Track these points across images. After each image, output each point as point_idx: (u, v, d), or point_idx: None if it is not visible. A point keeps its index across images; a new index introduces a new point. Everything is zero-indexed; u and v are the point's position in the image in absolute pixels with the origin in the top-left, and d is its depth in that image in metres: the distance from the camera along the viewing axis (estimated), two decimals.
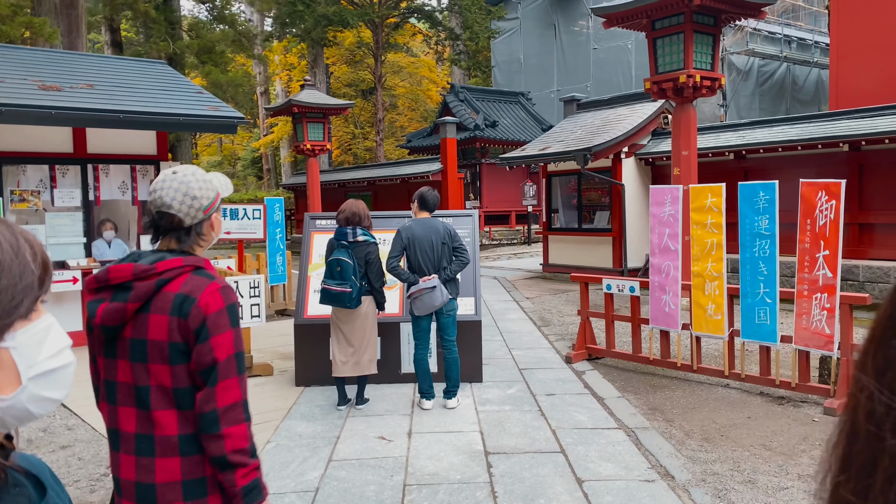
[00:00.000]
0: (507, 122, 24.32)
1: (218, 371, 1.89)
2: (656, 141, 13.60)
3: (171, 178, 2.01)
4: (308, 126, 19.07)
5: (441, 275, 5.74)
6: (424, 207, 5.92)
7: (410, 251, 5.76)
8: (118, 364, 1.95)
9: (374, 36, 26.63)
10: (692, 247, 6.42)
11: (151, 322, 1.90)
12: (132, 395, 1.93)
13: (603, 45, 27.50)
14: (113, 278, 1.92)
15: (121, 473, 1.94)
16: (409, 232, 5.77)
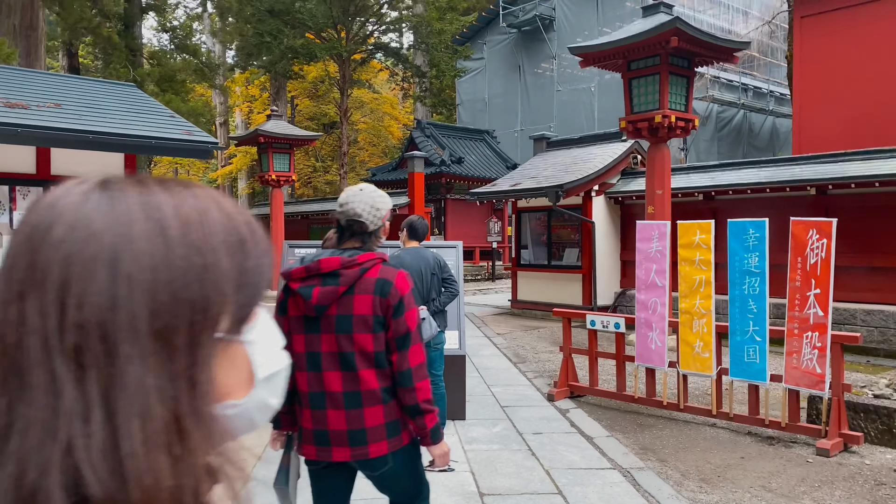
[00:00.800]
0: (472, 159, 24.45)
1: (410, 338, 2.49)
2: (626, 180, 13.75)
3: (359, 193, 2.59)
4: (274, 156, 18.82)
5: (430, 306, 5.55)
6: (413, 237, 5.75)
7: None
8: (322, 337, 2.47)
9: (341, 70, 26.62)
10: (680, 284, 6.38)
11: (357, 300, 2.44)
12: (337, 360, 2.45)
13: (566, 87, 28.02)
14: (324, 268, 2.44)
15: (329, 426, 2.46)
16: (397, 262, 5.58)
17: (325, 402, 2.46)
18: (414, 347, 2.48)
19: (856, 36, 12.78)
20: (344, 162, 27.32)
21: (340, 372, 2.45)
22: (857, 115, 12.93)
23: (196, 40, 35.10)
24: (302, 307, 2.47)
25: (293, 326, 2.50)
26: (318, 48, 24.22)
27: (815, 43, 13.35)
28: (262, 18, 24.64)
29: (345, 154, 27.28)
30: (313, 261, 2.47)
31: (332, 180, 43.13)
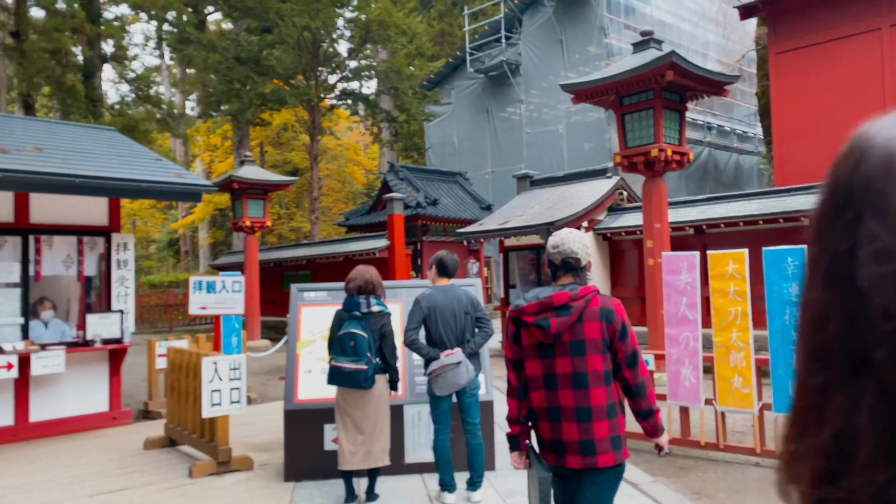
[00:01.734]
0: (447, 201, 24.30)
1: (637, 355, 2.92)
2: (613, 216, 13.67)
3: (571, 234, 3.04)
4: (248, 202, 18.36)
5: (465, 348, 5.20)
6: (444, 273, 5.42)
7: (431, 322, 5.20)
8: (557, 361, 2.85)
9: (311, 116, 26.43)
10: (714, 317, 6.15)
11: (586, 328, 2.83)
12: (571, 380, 2.82)
13: (535, 129, 28.27)
14: (556, 302, 2.84)
15: (563, 436, 2.84)
16: (429, 301, 5.24)
17: (561, 417, 2.84)
18: (640, 364, 2.93)
19: (830, 71, 13.07)
20: (316, 207, 26.93)
21: (573, 390, 2.82)
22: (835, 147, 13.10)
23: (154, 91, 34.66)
24: (537, 336, 2.87)
25: (527, 354, 2.93)
26: (289, 94, 24.00)
27: (792, 78, 13.62)
28: (231, 66, 24.38)
29: (315, 199, 26.91)
30: (544, 297, 2.88)
31: (298, 227, 42.59)
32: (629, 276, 13.50)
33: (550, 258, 3.05)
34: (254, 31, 27.59)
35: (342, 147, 43.12)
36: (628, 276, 13.51)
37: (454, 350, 5.15)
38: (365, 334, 5.03)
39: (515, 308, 2.95)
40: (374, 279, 5.28)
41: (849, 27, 12.80)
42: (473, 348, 5.23)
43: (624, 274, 13.56)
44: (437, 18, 37.77)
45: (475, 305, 5.34)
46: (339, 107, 29.26)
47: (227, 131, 39.10)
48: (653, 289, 10.21)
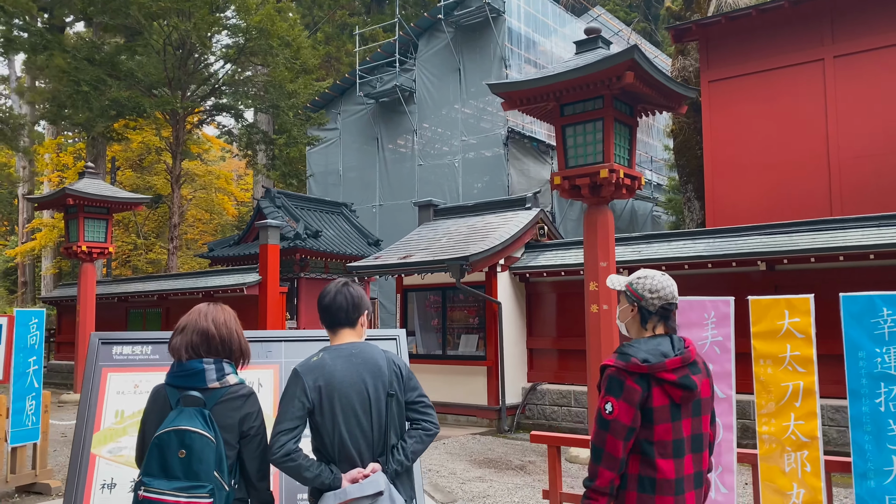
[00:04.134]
0: (330, 234, 21.69)
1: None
2: (532, 254, 11.73)
3: (665, 277, 2.77)
4: (86, 223, 15.01)
5: (388, 464, 2.81)
6: (341, 321, 3.01)
7: (325, 417, 2.75)
8: (683, 423, 2.58)
9: (175, 131, 23.14)
10: (757, 395, 4.10)
11: (702, 384, 2.66)
12: (691, 443, 2.60)
13: (428, 161, 26.40)
14: (691, 358, 2.65)
15: None
16: (319, 376, 2.80)
17: (685, 487, 2.54)
18: None
19: (769, 102, 11.96)
20: (174, 235, 23.45)
21: (692, 454, 2.58)
22: (772, 185, 11.96)
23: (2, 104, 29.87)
24: (675, 396, 2.53)
25: (658, 417, 2.51)
26: (149, 102, 20.68)
27: (726, 109, 12.41)
28: (80, 66, 20.77)
29: (175, 226, 23.46)
30: (682, 352, 2.60)
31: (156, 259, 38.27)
32: (547, 324, 11.54)
33: (644, 305, 2.69)
34: (112, 29, 24.04)
35: (212, 175, 39.51)
36: (546, 325, 11.54)
37: (369, 469, 2.75)
38: (209, 435, 2.55)
39: (646, 363, 2.51)
40: (224, 327, 2.83)
41: (789, 56, 11.75)
42: (404, 463, 2.85)
43: (542, 322, 11.59)
44: (323, 42, 35.49)
45: (405, 379, 2.96)
46: (208, 122, 26.05)
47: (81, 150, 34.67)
48: (596, 342, 8.21)
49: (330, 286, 3.02)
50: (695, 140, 16.31)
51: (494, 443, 9.71)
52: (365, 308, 3.01)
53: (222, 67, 24.11)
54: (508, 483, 7.21)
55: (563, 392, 10.91)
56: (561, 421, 10.85)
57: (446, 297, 11.72)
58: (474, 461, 8.40)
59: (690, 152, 16.43)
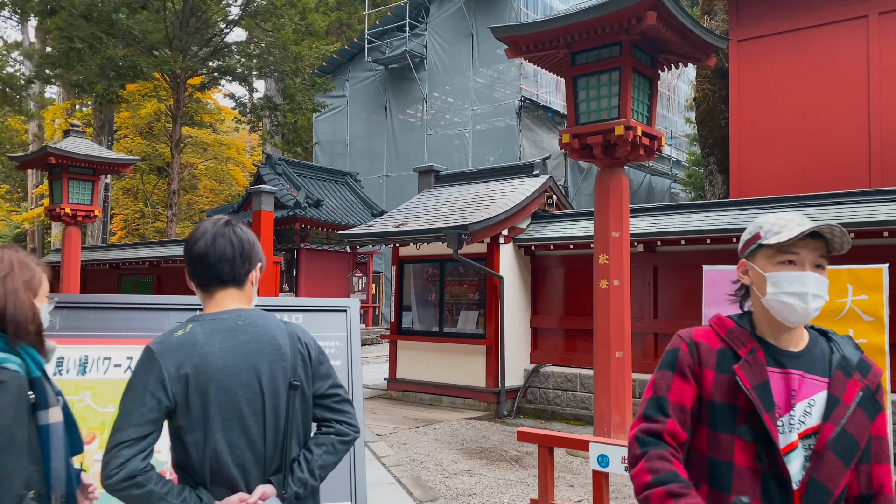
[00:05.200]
0: (332, 203, 20.82)
1: None
2: (538, 225, 10.79)
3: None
4: (70, 184, 14.20)
5: (288, 486, 1.93)
6: (222, 277, 2.08)
7: (192, 421, 1.88)
8: None
9: (175, 94, 22.27)
10: None
11: None
12: None
13: (438, 132, 25.40)
14: None
15: None
16: (187, 359, 1.90)
17: None
18: None
19: (804, 63, 10.85)
20: (173, 202, 22.70)
21: None
22: (804, 154, 10.90)
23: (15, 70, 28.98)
24: None
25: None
26: (146, 62, 19.77)
27: (755, 72, 11.32)
28: (75, 23, 19.87)
29: (175, 193, 22.69)
30: None
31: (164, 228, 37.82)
32: (553, 301, 10.63)
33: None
34: None
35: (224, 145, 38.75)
36: (553, 303, 10.63)
37: (257, 495, 1.88)
38: None
39: None
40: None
41: (828, 12, 10.62)
42: (309, 483, 1.97)
43: (548, 299, 10.68)
44: (334, 7, 34.36)
45: (313, 364, 2.05)
46: (210, 86, 25.13)
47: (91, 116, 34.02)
48: (605, 321, 7.29)
49: (204, 224, 2.10)
50: (719, 109, 15.20)
51: (490, 429, 8.86)
52: (258, 260, 2.11)
53: (225, 28, 23.14)
54: (500, 478, 6.35)
55: (569, 375, 10.03)
56: (565, 406, 9.98)
57: (445, 269, 10.83)
58: (465, 450, 7.55)
59: (714, 122, 15.33)
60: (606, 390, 7.27)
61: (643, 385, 9.27)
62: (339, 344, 3.23)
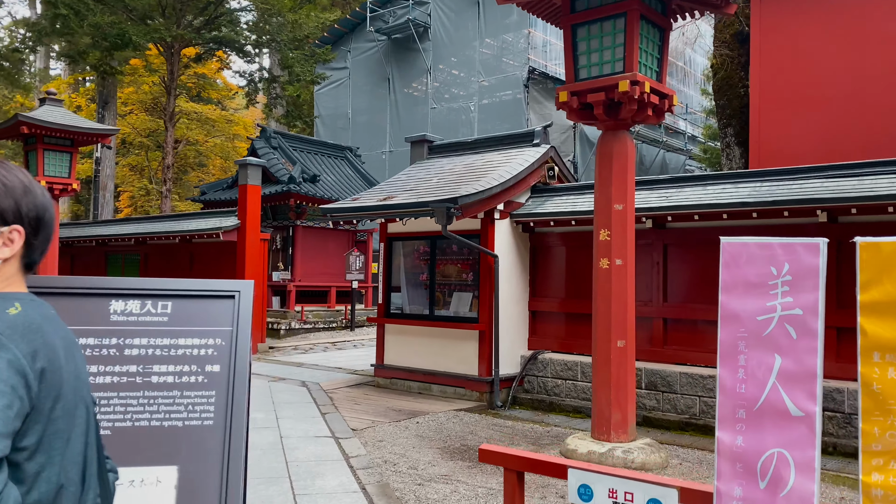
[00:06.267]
0: (330, 179, 19.96)
1: None
2: (538, 199, 9.87)
3: None
4: (45, 156, 13.44)
5: None
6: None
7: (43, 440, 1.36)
8: None
9: (169, 64, 21.40)
10: (866, 418, 2.28)
11: None
12: None
13: (443, 105, 24.40)
14: None
15: None
16: (40, 348, 1.38)
17: None
18: None
19: (833, 22, 9.80)
20: (167, 177, 21.92)
21: None
22: (832, 121, 9.88)
23: None
24: None
25: None
26: (135, 30, 18.89)
27: (779, 31, 10.27)
28: None
29: (169, 167, 21.91)
30: None
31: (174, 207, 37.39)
32: (554, 283, 9.74)
33: None
34: None
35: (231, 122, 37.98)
36: (553, 284, 9.74)
37: None
38: None
39: None
40: None
41: None
42: None
43: (548, 280, 9.79)
44: None
45: None
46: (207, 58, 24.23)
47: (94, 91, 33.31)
48: (605, 306, 6.40)
49: (12, 168, 1.43)
50: (738, 77, 14.15)
51: (480, 423, 8.04)
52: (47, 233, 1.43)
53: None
54: (480, 486, 5.52)
55: (569, 363, 9.17)
56: (564, 397, 9.13)
57: (436, 248, 9.95)
58: (446, 450, 6.73)
59: (733, 91, 14.28)
60: (606, 383, 6.41)
61: (651, 376, 8.40)
62: (220, 343, 2.37)
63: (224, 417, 2.24)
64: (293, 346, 15.39)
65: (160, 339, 2.32)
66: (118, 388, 2.21)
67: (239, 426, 2.23)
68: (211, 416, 2.23)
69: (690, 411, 8.11)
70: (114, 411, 2.17)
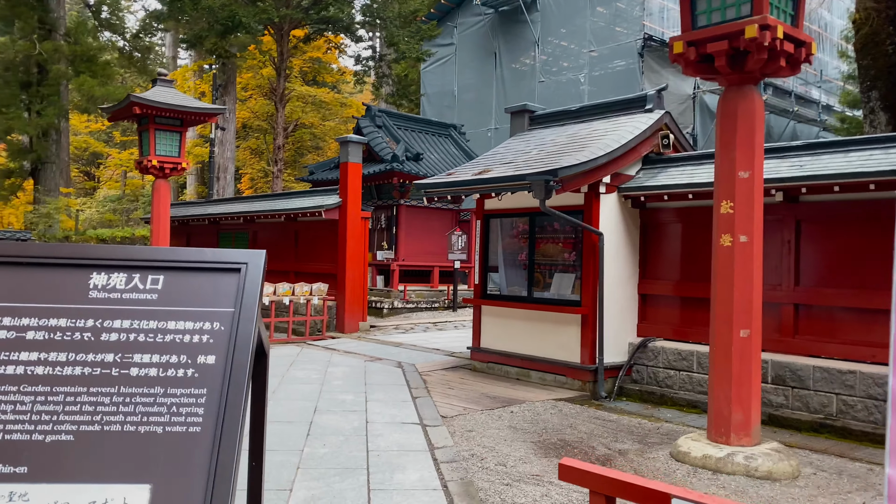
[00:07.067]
0: (434, 157, 19.60)
1: None
2: (650, 171, 8.97)
3: None
4: (156, 135, 13.80)
5: None
6: None
7: None
8: None
9: (278, 46, 21.71)
10: None
11: None
12: None
13: (551, 78, 23.44)
14: None
15: None
16: None
17: None
18: None
19: None
20: (278, 157, 22.36)
21: None
22: None
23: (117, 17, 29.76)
24: None
25: None
26: (244, 11, 19.21)
27: None
28: None
29: (279, 148, 22.34)
30: None
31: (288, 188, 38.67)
32: (667, 263, 8.84)
33: None
34: None
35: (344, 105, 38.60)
36: (666, 265, 8.85)
37: None
38: None
39: None
40: None
41: None
42: None
43: (661, 260, 8.91)
44: None
45: None
46: (315, 38, 24.43)
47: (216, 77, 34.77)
48: (727, 288, 5.55)
49: None
50: (885, 32, 12.46)
51: (581, 415, 7.37)
52: None
53: None
54: (576, 492, 4.89)
55: (684, 352, 8.29)
56: (677, 389, 8.28)
57: (535, 225, 9.28)
58: (542, 445, 6.13)
59: (878, 49, 12.59)
60: (726, 378, 5.58)
61: (779, 368, 7.41)
62: (218, 328, 1.90)
63: (214, 423, 1.76)
64: (394, 325, 15.19)
65: (145, 322, 1.88)
66: (89, 383, 1.79)
67: (231, 435, 1.75)
68: (199, 422, 1.76)
69: (825, 410, 7.08)
70: (80, 411, 1.74)
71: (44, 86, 24.64)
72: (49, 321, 1.84)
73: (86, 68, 25.73)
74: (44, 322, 1.83)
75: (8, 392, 1.74)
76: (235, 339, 1.87)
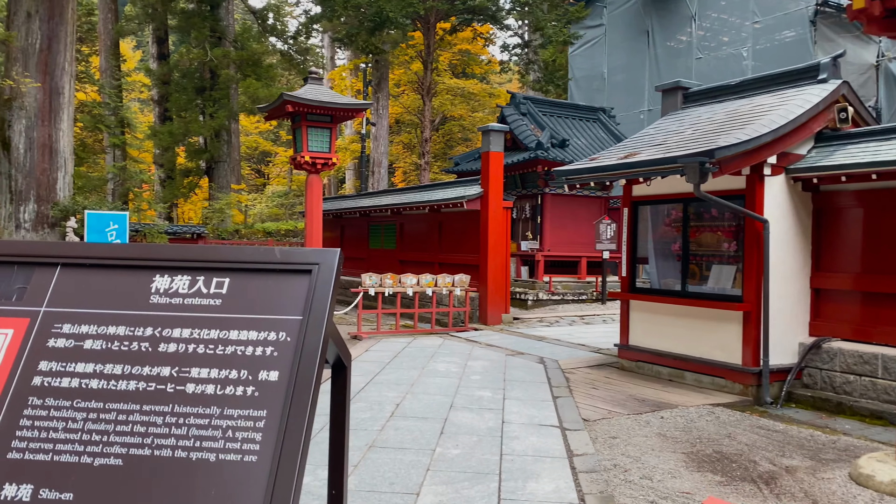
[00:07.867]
0: (580, 143, 18.89)
1: None
2: (825, 150, 7.90)
3: None
4: (308, 132, 14.29)
5: None
6: None
7: None
8: None
9: (425, 38, 21.89)
10: None
11: None
12: None
13: (709, 54, 21.83)
14: None
15: None
16: None
17: None
18: None
19: None
20: (425, 150, 22.61)
21: None
22: None
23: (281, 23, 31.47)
24: None
25: None
26: (390, 6, 19.50)
27: None
28: None
29: (427, 140, 22.58)
30: None
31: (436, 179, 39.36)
32: (845, 254, 7.76)
33: None
34: None
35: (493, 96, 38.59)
36: (844, 255, 7.77)
37: None
38: None
39: None
40: None
41: None
42: None
43: (837, 250, 7.84)
44: None
45: None
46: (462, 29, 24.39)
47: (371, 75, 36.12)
48: None
49: None
50: None
51: (741, 424, 6.62)
52: None
53: None
54: None
55: (866, 355, 7.23)
56: (858, 397, 7.24)
57: (689, 212, 8.50)
58: (694, 456, 5.52)
59: None
60: None
61: None
62: (284, 339, 1.66)
63: (273, 451, 1.52)
64: (538, 317, 14.79)
65: (206, 332, 1.68)
66: (142, 399, 1.61)
67: (289, 466, 1.49)
68: (255, 450, 1.53)
69: None
70: (131, 431, 1.56)
71: (215, 90, 26.62)
72: (108, 329, 1.68)
73: (251, 72, 27.47)
74: (102, 330, 1.68)
75: (61, 407, 1.60)
76: (301, 353, 1.62)
